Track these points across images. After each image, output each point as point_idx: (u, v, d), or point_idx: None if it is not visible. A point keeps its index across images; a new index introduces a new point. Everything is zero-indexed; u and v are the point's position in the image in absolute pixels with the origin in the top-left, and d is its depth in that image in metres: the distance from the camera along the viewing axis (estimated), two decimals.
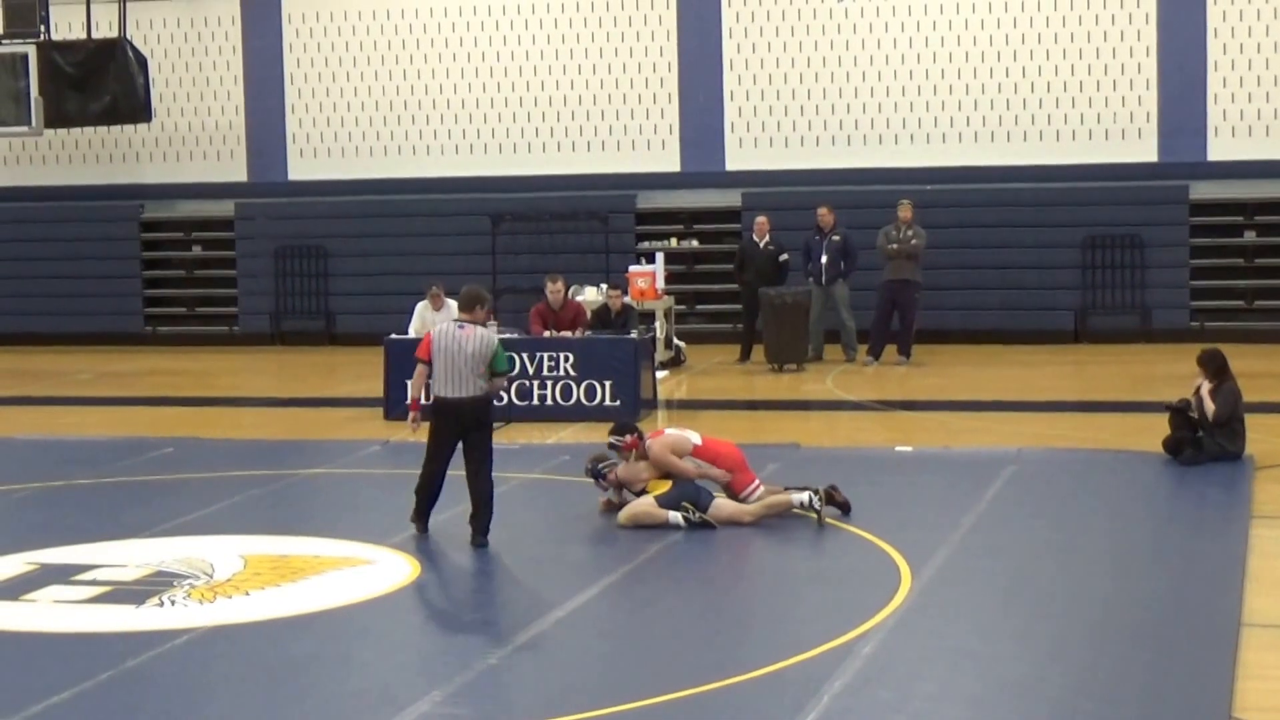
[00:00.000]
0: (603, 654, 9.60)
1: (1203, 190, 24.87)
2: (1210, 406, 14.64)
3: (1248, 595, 10.35)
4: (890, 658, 9.17)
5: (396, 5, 27.01)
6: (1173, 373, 15.17)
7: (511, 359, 12.33)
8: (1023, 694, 8.63)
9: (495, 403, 12.60)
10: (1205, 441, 14.69)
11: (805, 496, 12.61)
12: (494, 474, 12.23)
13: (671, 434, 13.16)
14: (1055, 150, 25.11)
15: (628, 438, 12.98)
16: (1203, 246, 25.00)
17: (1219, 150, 24.72)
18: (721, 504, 12.68)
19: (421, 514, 12.46)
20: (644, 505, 12.57)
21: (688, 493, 12.65)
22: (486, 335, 12.26)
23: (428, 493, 12.42)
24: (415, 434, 12.64)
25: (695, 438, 13.05)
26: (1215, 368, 14.84)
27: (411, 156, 27.04)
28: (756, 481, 12.93)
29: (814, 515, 12.52)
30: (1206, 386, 14.75)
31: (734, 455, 13.03)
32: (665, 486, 12.69)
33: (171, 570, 11.44)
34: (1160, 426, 15.10)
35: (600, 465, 13.03)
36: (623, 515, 12.59)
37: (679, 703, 8.46)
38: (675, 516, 12.42)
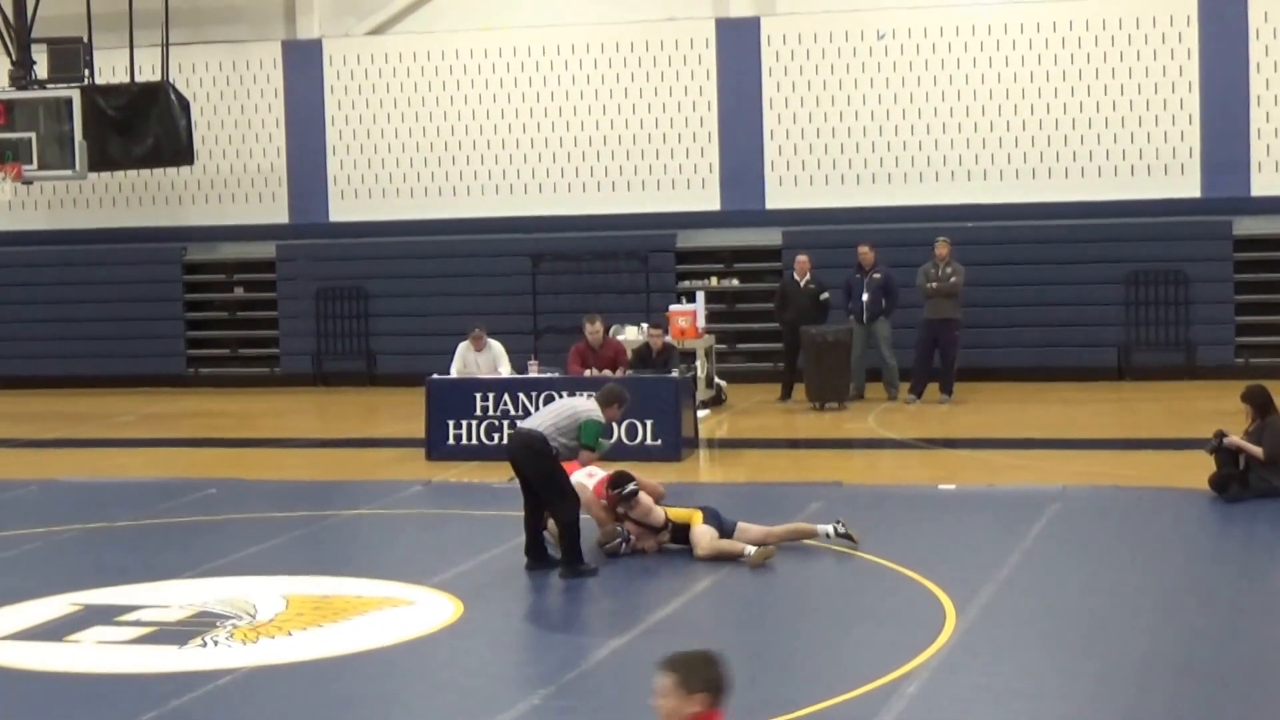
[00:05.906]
0: (647, 694, 9.52)
1: (1247, 226, 24.72)
2: (1254, 450, 14.53)
3: None
4: (936, 696, 9.10)
5: (437, 47, 27.12)
6: (1217, 409, 15.09)
7: (598, 437, 12.76)
8: None
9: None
10: (1252, 478, 14.58)
11: (830, 528, 12.93)
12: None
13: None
14: (1098, 186, 25.01)
15: (635, 478, 13.22)
16: (1247, 282, 24.85)
17: (1263, 185, 24.57)
18: (745, 527, 12.90)
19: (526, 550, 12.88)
20: (710, 538, 12.70)
21: (719, 516, 12.91)
22: (586, 405, 12.89)
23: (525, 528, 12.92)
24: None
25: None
26: (1259, 404, 14.75)
27: (452, 197, 27.12)
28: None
29: (841, 540, 12.78)
30: (1242, 431, 14.67)
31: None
32: (682, 513, 12.97)
33: (214, 611, 11.45)
34: (1206, 463, 14.99)
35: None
36: (703, 550, 12.69)
37: None
38: (749, 550, 12.56)
